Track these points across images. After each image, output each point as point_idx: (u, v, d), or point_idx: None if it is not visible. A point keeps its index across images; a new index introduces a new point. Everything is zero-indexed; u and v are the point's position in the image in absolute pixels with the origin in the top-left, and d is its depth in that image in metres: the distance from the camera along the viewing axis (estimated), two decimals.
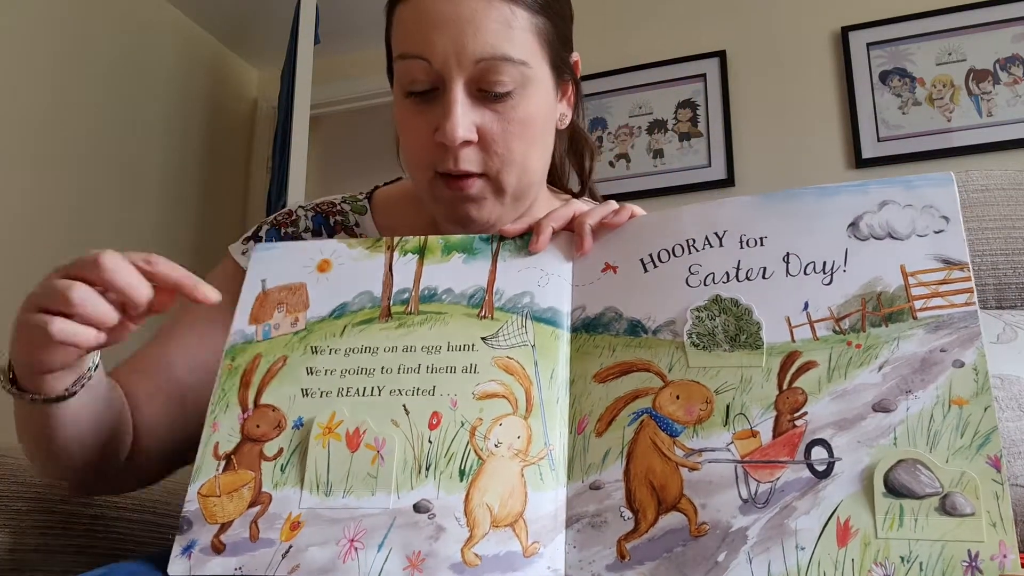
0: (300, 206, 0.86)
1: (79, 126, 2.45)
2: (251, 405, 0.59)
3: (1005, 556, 0.43)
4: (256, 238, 0.83)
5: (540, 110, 0.72)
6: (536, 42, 0.70)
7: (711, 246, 0.58)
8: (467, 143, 0.68)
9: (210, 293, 0.57)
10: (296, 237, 0.83)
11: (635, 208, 0.64)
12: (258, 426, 0.58)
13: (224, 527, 0.54)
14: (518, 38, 0.68)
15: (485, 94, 0.68)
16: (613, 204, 0.65)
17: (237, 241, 0.84)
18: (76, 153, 2.43)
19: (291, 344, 0.61)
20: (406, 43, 0.69)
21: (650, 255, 0.60)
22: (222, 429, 0.58)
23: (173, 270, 0.57)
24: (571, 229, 0.64)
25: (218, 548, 0.53)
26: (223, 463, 0.57)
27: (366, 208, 0.85)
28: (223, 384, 0.60)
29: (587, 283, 0.61)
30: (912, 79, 2.29)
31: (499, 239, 0.64)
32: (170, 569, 0.53)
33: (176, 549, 0.54)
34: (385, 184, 0.90)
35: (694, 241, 0.59)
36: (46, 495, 0.90)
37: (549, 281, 0.61)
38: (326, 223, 0.84)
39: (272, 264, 0.65)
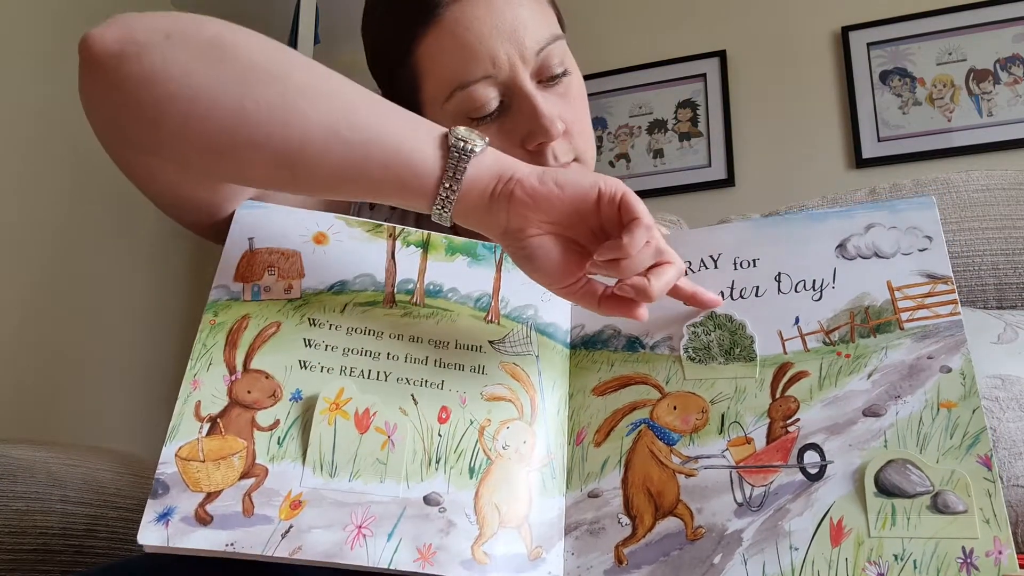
0: None
1: (77, 126, 2.45)
2: (239, 367, 0.55)
3: (1001, 552, 0.44)
4: None
5: (583, 84, 0.73)
6: (553, 13, 0.73)
7: (706, 268, 0.60)
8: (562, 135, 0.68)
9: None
10: None
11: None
12: (249, 392, 0.54)
13: (210, 496, 0.50)
14: (548, 14, 0.71)
15: (547, 84, 0.68)
16: None
17: None
18: (73, 154, 2.44)
19: (285, 311, 0.58)
20: (462, 71, 0.65)
21: None
22: (204, 388, 0.54)
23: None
24: None
25: (203, 519, 0.49)
26: (207, 425, 0.53)
27: None
28: (204, 340, 0.56)
29: None
30: (912, 79, 2.29)
31: (503, 249, 0.65)
32: (141, 537, 0.48)
33: (148, 515, 0.49)
34: None
35: (690, 263, 0.61)
36: (46, 495, 0.90)
37: (551, 297, 0.62)
38: None
39: (259, 224, 0.61)
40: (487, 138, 0.52)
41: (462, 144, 0.50)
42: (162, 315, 2.69)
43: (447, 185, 0.50)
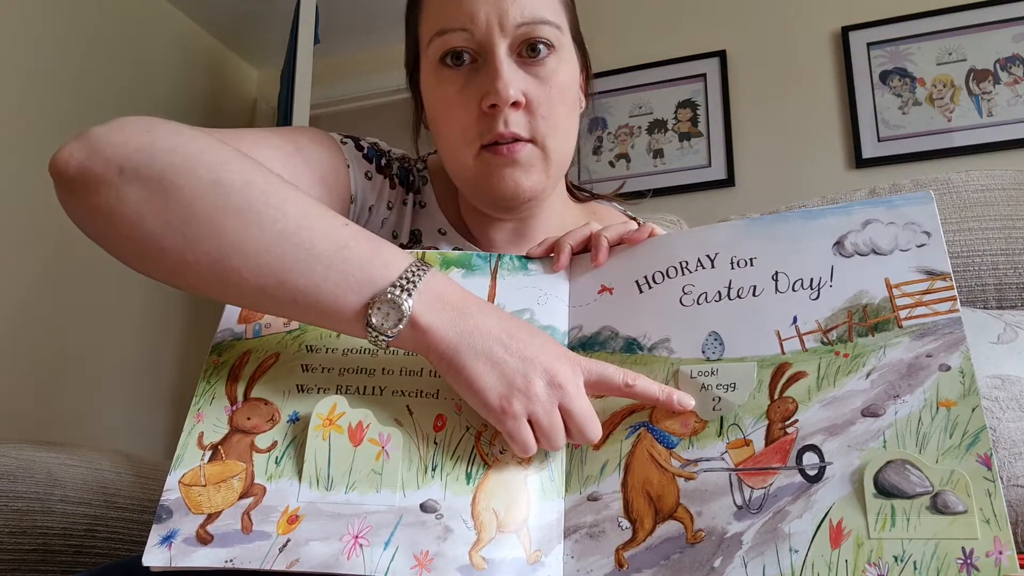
0: (389, 148, 0.85)
1: (79, 126, 2.44)
2: (240, 398, 0.57)
3: (1001, 553, 0.44)
4: (358, 146, 0.80)
5: (573, 79, 0.74)
6: (563, 11, 0.74)
7: (703, 267, 0.60)
8: (516, 105, 0.69)
9: (685, 400, 0.55)
10: (386, 169, 0.81)
11: (656, 227, 0.65)
12: (249, 418, 0.56)
13: (211, 518, 0.52)
14: (550, 3, 0.72)
15: (525, 59, 0.70)
16: (633, 224, 0.66)
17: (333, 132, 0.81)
18: None
19: (284, 342, 0.60)
20: (445, 19, 0.70)
21: (644, 277, 0.62)
22: (207, 420, 0.56)
23: (648, 387, 0.56)
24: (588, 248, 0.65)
25: (204, 539, 0.51)
26: (209, 453, 0.55)
27: (427, 179, 0.85)
28: (208, 378, 0.58)
29: (584, 304, 0.63)
30: (912, 79, 2.29)
31: (497, 257, 0.65)
32: (146, 560, 0.50)
33: (153, 539, 0.51)
34: (429, 155, 0.89)
35: (687, 263, 0.61)
36: (46, 495, 0.90)
37: (547, 300, 0.62)
38: (406, 178, 0.83)
39: None
40: (412, 295, 0.54)
41: (375, 334, 0.54)
42: (162, 316, 2.69)
43: (374, 345, 0.55)
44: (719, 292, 0.58)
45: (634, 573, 0.50)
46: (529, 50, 0.70)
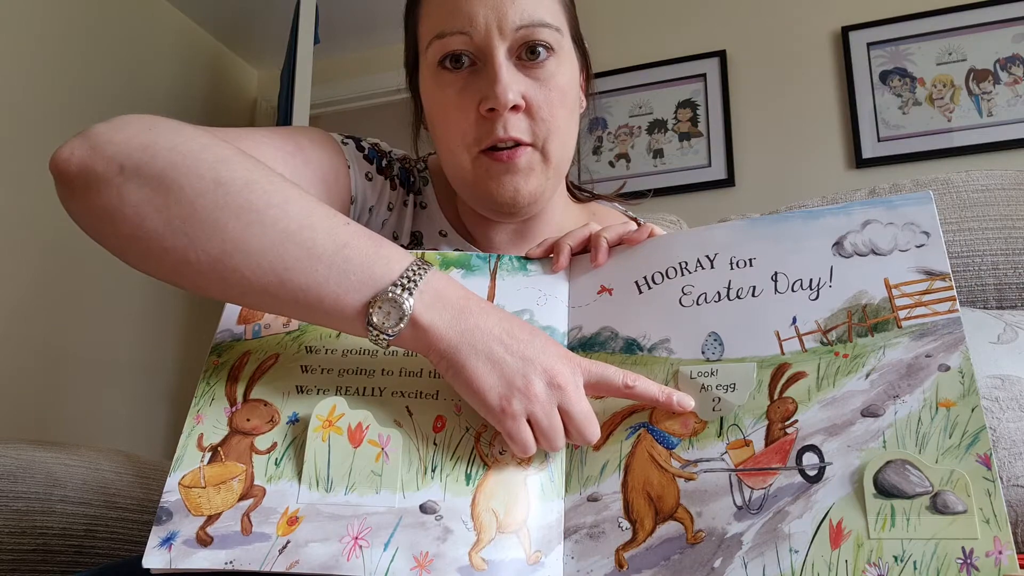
0: (390, 149, 0.84)
1: (78, 126, 2.44)
2: (240, 399, 0.57)
3: (1001, 552, 0.44)
4: (359, 147, 0.80)
5: (573, 81, 0.74)
6: (563, 13, 0.74)
7: (703, 268, 0.60)
8: (515, 108, 0.69)
9: (685, 401, 0.55)
10: (387, 170, 0.81)
11: (655, 228, 0.65)
12: (248, 420, 0.56)
13: (211, 519, 0.52)
14: (549, 5, 0.71)
15: (524, 62, 0.70)
16: (632, 225, 0.66)
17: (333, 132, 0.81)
18: None
19: (283, 343, 0.60)
20: (444, 22, 0.70)
21: (644, 277, 0.62)
22: (207, 421, 0.56)
23: (648, 388, 0.56)
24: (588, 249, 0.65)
25: (204, 541, 0.51)
26: (208, 455, 0.55)
27: (428, 180, 0.85)
28: (208, 379, 0.58)
29: (583, 304, 0.63)
30: (912, 79, 2.29)
31: (497, 257, 0.65)
32: (146, 561, 0.51)
33: (153, 541, 0.51)
34: (430, 155, 0.89)
35: (686, 264, 0.61)
36: (46, 495, 0.90)
37: (547, 301, 0.62)
38: (407, 180, 0.83)
39: None
40: (412, 294, 0.54)
41: (376, 333, 0.54)
42: (162, 316, 2.69)
43: (375, 344, 0.56)
44: (719, 292, 0.58)
45: (634, 574, 0.50)
46: (528, 53, 0.69)
